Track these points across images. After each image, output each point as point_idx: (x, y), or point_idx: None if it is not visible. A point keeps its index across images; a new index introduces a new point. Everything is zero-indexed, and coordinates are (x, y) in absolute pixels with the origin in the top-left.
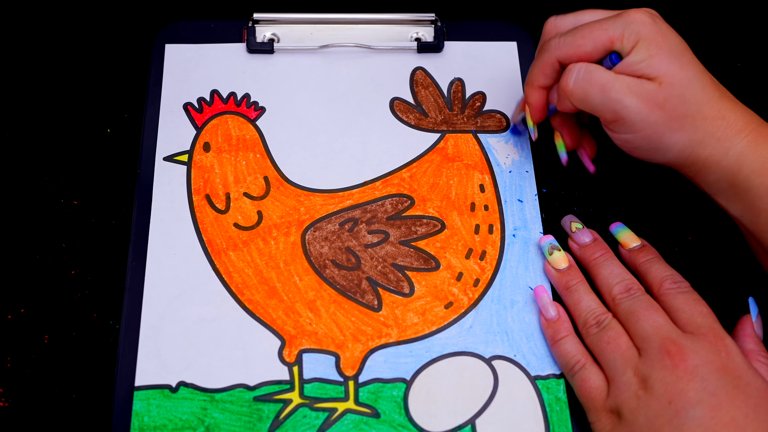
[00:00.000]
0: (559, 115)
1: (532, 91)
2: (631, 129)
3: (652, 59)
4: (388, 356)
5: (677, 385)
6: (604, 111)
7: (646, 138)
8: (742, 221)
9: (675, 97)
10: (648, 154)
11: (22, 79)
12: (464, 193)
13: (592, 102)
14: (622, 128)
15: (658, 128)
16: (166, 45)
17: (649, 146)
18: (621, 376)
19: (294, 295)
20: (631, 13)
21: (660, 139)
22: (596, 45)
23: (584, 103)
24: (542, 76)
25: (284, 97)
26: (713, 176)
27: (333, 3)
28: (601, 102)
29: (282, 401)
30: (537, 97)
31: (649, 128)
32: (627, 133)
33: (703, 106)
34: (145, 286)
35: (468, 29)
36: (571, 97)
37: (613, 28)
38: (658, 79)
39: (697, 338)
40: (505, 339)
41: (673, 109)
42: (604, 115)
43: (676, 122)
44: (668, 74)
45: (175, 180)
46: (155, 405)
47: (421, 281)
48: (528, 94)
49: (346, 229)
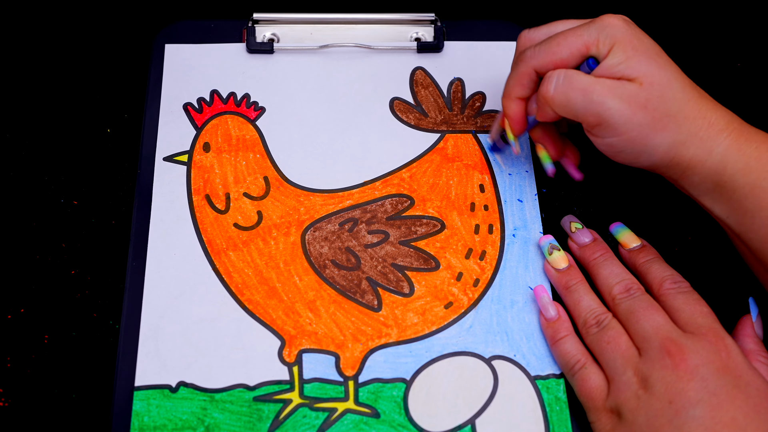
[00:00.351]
0: (540, 128)
1: (510, 103)
2: (615, 132)
3: (629, 61)
4: (388, 356)
5: (677, 385)
6: (587, 115)
7: (631, 141)
8: (728, 222)
9: (656, 97)
10: (632, 157)
11: (22, 79)
12: (464, 193)
13: (574, 107)
14: (606, 132)
15: (642, 130)
16: (166, 45)
17: (634, 149)
18: (621, 375)
19: (294, 295)
20: (604, 19)
21: (644, 141)
22: (572, 51)
23: (566, 108)
24: (519, 86)
25: (284, 97)
26: (698, 177)
27: (333, 3)
28: (584, 106)
29: (282, 401)
30: (516, 108)
31: (634, 130)
32: (611, 136)
33: (684, 106)
34: (145, 286)
35: (468, 29)
36: (553, 103)
37: (587, 33)
38: (639, 79)
39: (698, 338)
40: (505, 339)
41: (656, 109)
42: (587, 119)
43: (660, 123)
44: (648, 74)
45: (175, 180)
46: (155, 405)
47: (421, 281)
48: (506, 106)
49: (346, 229)
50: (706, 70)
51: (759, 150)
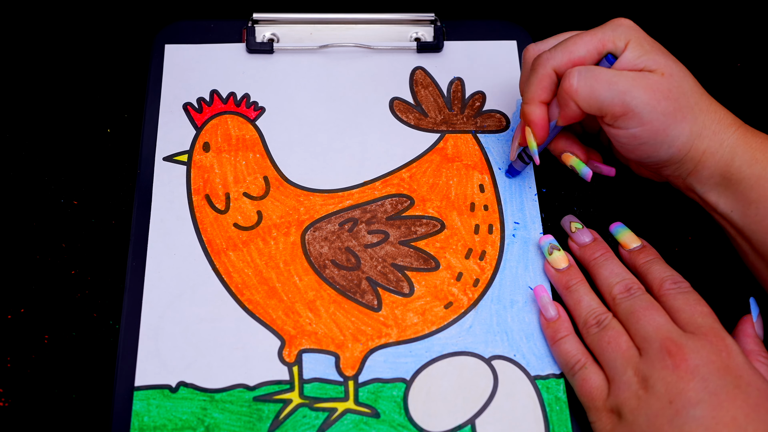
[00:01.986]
0: (562, 137)
1: (534, 108)
2: (639, 122)
3: (648, 54)
4: (387, 356)
5: (678, 385)
6: (612, 106)
7: (654, 131)
8: (732, 216)
9: (677, 88)
10: (652, 150)
11: (22, 79)
12: (464, 193)
13: (599, 98)
14: (631, 122)
15: (665, 119)
16: (165, 45)
17: (656, 140)
18: (621, 375)
19: (294, 295)
20: (615, 20)
21: (666, 131)
22: (589, 49)
23: (591, 101)
24: (541, 90)
25: (284, 97)
26: (707, 171)
27: (332, 3)
28: (610, 97)
29: (282, 401)
30: (540, 113)
31: (657, 120)
32: (635, 126)
33: (699, 99)
34: (145, 286)
35: (467, 29)
36: (577, 97)
37: (601, 33)
38: (659, 70)
39: (698, 338)
40: (505, 339)
41: (677, 99)
42: (613, 109)
43: (680, 113)
44: (667, 66)
45: (175, 180)
46: (155, 405)
47: (421, 281)
48: (529, 112)
49: (346, 229)
50: (706, 70)
51: (765, 144)
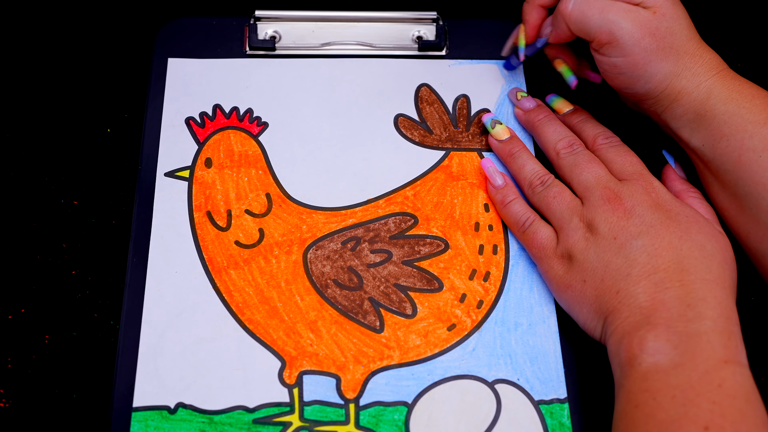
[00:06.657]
0: (558, 46)
1: (532, 10)
2: (621, 52)
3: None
4: (389, 379)
5: (619, 223)
6: (599, 32)
7: (633, 64)
8: (703, 151)
9: (665, 27)
10: (630, 81)
11: (22, 79)
12: (468, 212)
13: (588, 23)
14: (614, 51)
15: (646, 55)
16: (169, 59)
17: (634, 73)
18: (569, 223)
19: (295, 315)
20: None
21: (645, 67)
22: None
23: (580, 25)
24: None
25: (287, 112)
26: (681, 109)
27: (335, 1)
28: (598, 23)
29: (281, 424)
30: (536, 15)
31: (639, 54)
32: (617, 56)
33: (686, 42)
34: (145, 305)
35: (470, 28)
36: (569, 20)
37: None
38: (653, 8)
39: (631, 183)
40: (509, 362)
41: (663, 38)
42: (600, 36)
43: (662, 52)
44: (663, 6)
45: (176, 196)
46: (153, 427)
47: (424, 302)
48: (527, 12)
49: (349, 248)
50: None
51: (742, 85)
